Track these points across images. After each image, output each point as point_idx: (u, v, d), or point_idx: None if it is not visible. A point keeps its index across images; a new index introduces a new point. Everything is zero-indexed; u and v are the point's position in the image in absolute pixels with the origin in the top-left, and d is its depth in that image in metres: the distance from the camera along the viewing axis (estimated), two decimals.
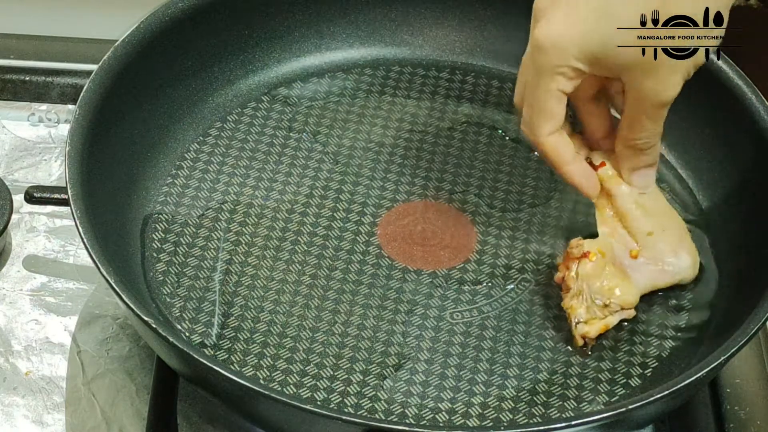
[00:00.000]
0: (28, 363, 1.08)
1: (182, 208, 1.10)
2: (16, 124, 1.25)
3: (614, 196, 1.03)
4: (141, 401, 1.05)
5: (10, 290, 1.12)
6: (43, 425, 1.04)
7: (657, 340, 1.03)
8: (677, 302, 1.06)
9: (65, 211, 1.14)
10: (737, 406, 1.06)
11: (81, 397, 1.06)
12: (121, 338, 1.09)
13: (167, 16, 1.12)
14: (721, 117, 1.13)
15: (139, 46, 1.10)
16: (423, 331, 1.02)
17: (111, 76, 1.07)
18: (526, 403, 0.99)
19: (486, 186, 1.13)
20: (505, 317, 1.04)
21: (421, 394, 0.99)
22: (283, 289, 1.05)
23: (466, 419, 0.98)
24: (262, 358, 1.00)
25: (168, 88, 1.14)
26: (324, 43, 1.22)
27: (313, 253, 1.07)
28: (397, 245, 1.08)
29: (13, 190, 1.15)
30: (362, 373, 1.00)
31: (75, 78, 1.27)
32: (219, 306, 1.03)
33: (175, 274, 1.05)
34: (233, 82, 1.19)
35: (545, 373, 1.01)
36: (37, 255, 1.15)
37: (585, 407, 0.99)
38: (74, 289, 1.13)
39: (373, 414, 0.97)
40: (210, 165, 1.13)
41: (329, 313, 1.03)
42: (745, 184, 1.10)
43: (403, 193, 1.12)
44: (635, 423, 0.97)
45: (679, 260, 1.04)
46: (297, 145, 1.15)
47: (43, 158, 1.23)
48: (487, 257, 1.08)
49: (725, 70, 1.12)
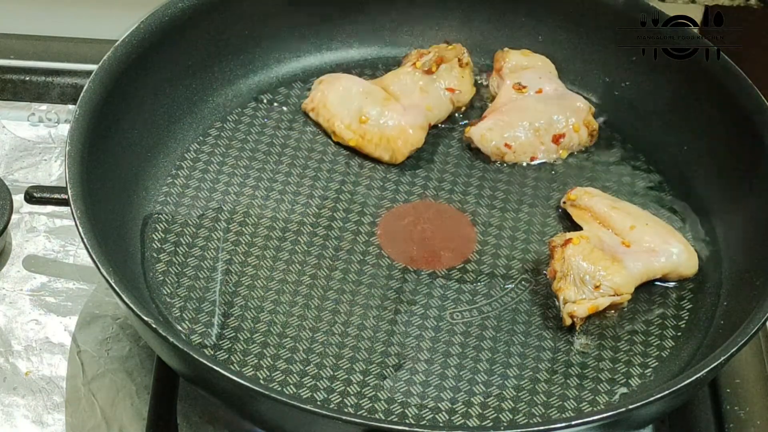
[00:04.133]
0: (28, 363, 1.08)
1: (182, 208, 1.10)
2: (16, 124, 1.25)
3: (590, 208, 1.08)
4: (141, 401, 1.05)
5: (10, 290, 1.12)
6: (43, 425, 1.04)
7: (657, 340, 1.03)
8: (677, 302, 1.06)
9: (65, 211, 1.14)
10: (737, 406, 1.06)
11: (81, 397, 1.06)
12: (121, 338, 1.09)
13: (167, 16, 1.12)
14: (722, 117, 1.13)
15: (139, 46, 1.10)
16: (423, 331, 1.02)
17: (111, 76, 1.07)
18: (526, 403, 0.99)
19: (486, 186, 1.13)
20: (505, 317, 1.04)
21: (421, 394, 0.99)
22: (283, 289, 1.05)
23: (466, 419, 0.98)
24: (262, 358, 1.00)
25: (168, 88, 1.14)
26: (324, 43, 1.22)
27: (313, 254, 1.07)
28: (397, 245, 1.08)
29: (13, 190, 1.15)
30: (362, 373, 1.00)
31: (75, 78, 1.27)
32: (219, 306, 1.03)
33: (175, 274, 1.05)
34: (233, 82, 1.19)
35: (545, 373, 1.01)
36: (37, 255, 1.15)
37: (585, 407, 0.99)
38: (74, 289, 1.13)
39: (373, 414, 0.97)
40: (210, 165, 1.13)
41: (329, 313, 1.03)
42: (745, 184, 1.10)
43: (403, 193, 1.12)
44: (635, 423, 0.97)
45: (671, 246, 1.06)
46: (297, 145, 1.15)
47: (43, 158, 1.23)
48: (487, 257, 1.08)
49: (725, 70, 1.12)
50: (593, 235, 1.06)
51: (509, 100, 1.16)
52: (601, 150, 1.17)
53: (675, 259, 1.06)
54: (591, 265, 1.03)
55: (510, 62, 1.18)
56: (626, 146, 1.17)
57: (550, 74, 1.18)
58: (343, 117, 1.14)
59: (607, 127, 1.18)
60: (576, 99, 1.16)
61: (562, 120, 1.15)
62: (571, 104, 1.15)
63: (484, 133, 1.14)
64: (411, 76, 1.16)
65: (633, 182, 1.14)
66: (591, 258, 1.03)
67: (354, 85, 1.15)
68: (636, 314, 1.05)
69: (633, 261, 1.04)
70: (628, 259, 1.04)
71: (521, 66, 1.18)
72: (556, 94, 1.16)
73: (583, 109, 1.15)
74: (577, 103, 1.16)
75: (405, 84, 1.16)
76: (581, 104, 1.16)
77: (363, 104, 1.14)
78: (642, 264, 1.04)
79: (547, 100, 1.16)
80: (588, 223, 1.08)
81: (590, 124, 1.16)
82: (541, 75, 1.18)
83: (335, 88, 1.15)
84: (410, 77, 1.16)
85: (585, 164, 1.15)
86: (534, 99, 1.16)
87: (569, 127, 1.15)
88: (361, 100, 1.14)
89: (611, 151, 1.17)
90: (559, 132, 1.14)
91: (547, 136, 1.14)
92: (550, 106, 1.15)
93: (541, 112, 1.15)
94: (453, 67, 1.17)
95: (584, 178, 1.14)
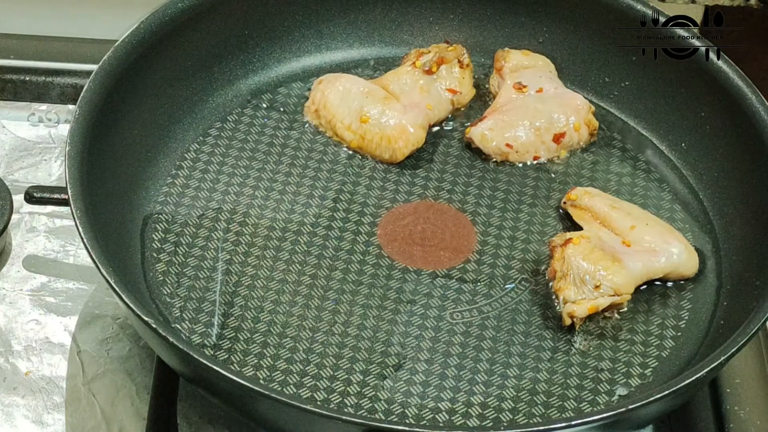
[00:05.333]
0: (28, 363, 1.08)
1: (182, 208, 1.10)
2: (16, 124, 1.25)
3: (590, 208, 1.08)
4: (141, 401, 1.05)
5: (10, 290, 1.12)
6: (43, 425, 1.04)
7: (657, 340, 1.03)
8: (677, 302, 1.06)
9: (65, 211, 1.14)
10: (737, 406, 1.06)
11: (81, 397, 1.06)
12: (121, 338, 1.09)
13: (167, 16, 1.12)
14: (721, 117, 1.13)
15: (139, 46, 1.10)
16: (423, 331, 1.02)
17: (111, 76, 1.07)
18: (526, 403, 0.99)
19: (486, 186, 1.13)
20: (505, 317, 1.04)
21: (421, 394, 0.99)
22: (283, 289, 1.05)
23: (466, 419, 0.98)
24: (262, 358, 1.00)
25: (168, 88, 1.14)
26: (324, 43, 1.22)
27: (313, 253, 1.07)
28: (397, 245, 1.08)
29: (13, 190, 1.15)
30: (362, 373, 1.00)
31: (75, 78, 1.27)
32: (219, 306, 1.03)
33: (175, 274, 1.05)
34: (233, 82, 1.19)
35: (545, 373, 1.01)
36: (37, 255, 1.15)
37: (585, 407, 0.99)
38: (74, 289, 1.13)
39: (373, 414, 0.97)
40: (210, 165, 1.13)
41: (329, 313, 1.03)
42: (746, 184, 1.10)
43: (403, 193, 1.12)
44: (635, 423, 0.97)
45: (671, 246, 1.06)
46: (297, 145, 1.15)
47: (43, 158, 1.23)
48: (487, 257, 1.08)
49: (725, 70, 1.12)
50: (594, 235, 1.06)
51: (510, 100, 1.16)
52: (601, 150, 1.17)
53: (675, 260, 1.06)
54: (591, 265, 1.03)
55: (510, 62, 1.18)
56: (626, 146, 1.17)
57: (550, 74, 1.18)
58: (343, 117, 1.14)
59: (608, 127, 1.18)
60: (576, 98, 1.16)
61: (563, 119, 1.15)
62: (572, 103, 1.15)
63: (484, 133, 1.14)
64: (411, 75, 1.16)
65: (633, 182, 1.14)
66: (591, 258, 1.03)
67: (354, 85, 1.15)
68: (636, 314, 1.05)
69: (633, 261, 1.04)
70: (628, 259, 1.04)
71: (522, 65, 1.18)
72: (556, 94, 1.16)
73: (583, 108, 1.15)
74: (577, 101, 1.16)
75: (405, 83, 1.16)
76: (581, 103, 1.16)
77: (364, 103, 1.14)
78: (642, 264, 1.04)
79: (548, 100, 1.16)
80: (588, 223, 1.08)
81: (591, 123, 1.16)
82: (541, 74, 1.18)
83: (335, 87, 1.15)
84: (410, 76, 1.16)
85: (585, 164, 1.15)
86: (534, 98, 1.16)
87: (570, 126, 1.15)
88: (361, 100, 1.14)
89: (611, 151, 1.17)
90: (559, 131, 1.14)
91: (547, 135, 1.14)
92: (550, 105, 1.15)
93: (541, 111, 1.15)
94: (453, 68, 1.17)
95: (584, 178, 1.14)
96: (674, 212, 1.12)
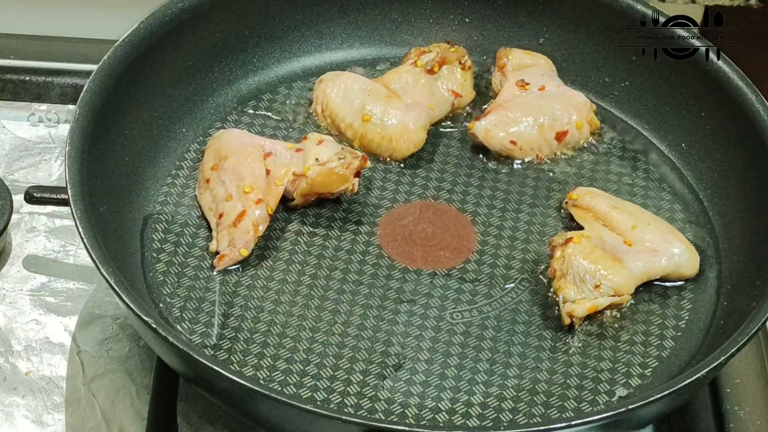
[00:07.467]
0: (28, 363, 1.08)
1: (182, 208, 1.10)
2: (16, 124, 1.25)
3: (591, 207, 1.08)
4: (141, 401, 1.05)
5: (10, 290, 1.12)
6: (43, 425, 1.04)
7: (657, 340, 1.03)
8: (677, 302, 1.06)
9: (65, 211, 1.14)
10: (737, 406, 1.06)
11: (81, 397, 1.06)
12: (121, 338, 1.09)
13: (167, 16, 1.12)
14: (721, 117, 1.13)
15: (139, 46, 1.10)
16: (423, 331, 1.02)
17: (111, 76, 1.07)
18: (526, 403, 0.99)
19: (486, 186, 1.13)
20: (505, 317, 1.04)
21: (421, 394, 0.99)
22: (283, 289, 1.05)
23: (466, 419, 0.98)
24: (262, 358, 1.00)
25: (168, 88, 1.14)
26: (324, 43, 1.22)
27: (313, 253, 1.07)
28: (397, 245, 1.08)
29: (13, 190, 1.15)
30: (362, 373, 1.00)
31: (75, 78, 1.27)
32: (219, 306, 1.03)
33: (175, 274, 1.05)
34: (233, 82, 1.18)
35: (545, 373, 1.01)
36: (37, 255, 1.15)
37: (585, 407, 0.99)
38: (74, 289, 1.13)
39: (373, 414, 0.97)
40: None
41: (329, 313, 1.03)
42: (746, 184, 1.10)
43: (403, 193, 1.12)
44: (635, 423, 0.97)
45: (672, 246, 1.06)
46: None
47: (43, 158, 1.23)
48: (487, 257, 1.08)
49: (725, 70, 1.12)
50: (595, 234, 1.06)
51: (512, 97, 1.16)
52: (602, 150, 1.17)
53: (676, 259, 1.06)
54: (591, 264, 1.03)
55: (513, 60, 1.18)
56: (626, 146, 1.17)
57: (551, 72, 1.19)
58: (345, 115, 1.14)
59: (608, 127, 1.18)
60: (578, 96, 1.16)
61: (565, 116, 1.15)
62: (573, 101, 1.16)
63: (489, 129, 1.14)
64: (412, 74, 1.16)
65: (633, 182, 1.14)
66: (591, 257, 1.03)
67: (355, 83, 1.15)
68: (636, 314, 1.05)
69: (634, 260, 1.04)
70: (629, 258, 1.04)
71: (524, 64, 1.18)
72: (558, 91, 1.16)
73: (585, 106, 1.16)
74: (579, 99, 1.16)
75: (406, 82, 1.16)
76: (583, 101, 1.16)
77: (366, 101, 1.14)
78: (643, 264, 1.04)
79: (550, 97, 1.16)
80: (590, 223, 1.08)
81: (593, 122, 1.16)
82: (543, 73, 1.18)
83: (337, 86, 1.15)
84: (411, 75, 1.16)
85: (585, 164, 1.15)
86: (536, 96, 1.16)
87: (572, 123, 1.15)
88: (363, 98, 1.14)
89: (611, 151, 1.17)
90: (562, 129, 1.14)
91: (550, 132, 1.14)
92: (552, 102, 1.15)
93: (544, 108, 1.15)
94: (455, 70, 1.17)
95: (584, 178, 1.14)
96: (674, 212, 1.12)
